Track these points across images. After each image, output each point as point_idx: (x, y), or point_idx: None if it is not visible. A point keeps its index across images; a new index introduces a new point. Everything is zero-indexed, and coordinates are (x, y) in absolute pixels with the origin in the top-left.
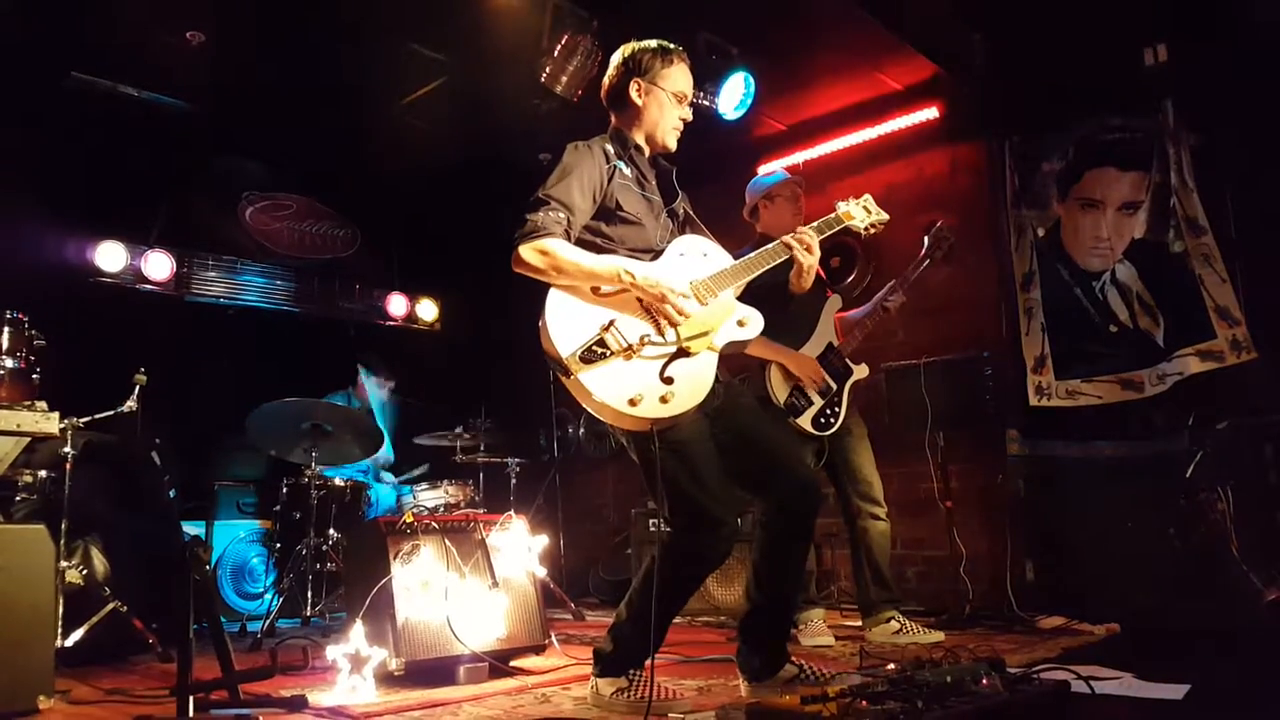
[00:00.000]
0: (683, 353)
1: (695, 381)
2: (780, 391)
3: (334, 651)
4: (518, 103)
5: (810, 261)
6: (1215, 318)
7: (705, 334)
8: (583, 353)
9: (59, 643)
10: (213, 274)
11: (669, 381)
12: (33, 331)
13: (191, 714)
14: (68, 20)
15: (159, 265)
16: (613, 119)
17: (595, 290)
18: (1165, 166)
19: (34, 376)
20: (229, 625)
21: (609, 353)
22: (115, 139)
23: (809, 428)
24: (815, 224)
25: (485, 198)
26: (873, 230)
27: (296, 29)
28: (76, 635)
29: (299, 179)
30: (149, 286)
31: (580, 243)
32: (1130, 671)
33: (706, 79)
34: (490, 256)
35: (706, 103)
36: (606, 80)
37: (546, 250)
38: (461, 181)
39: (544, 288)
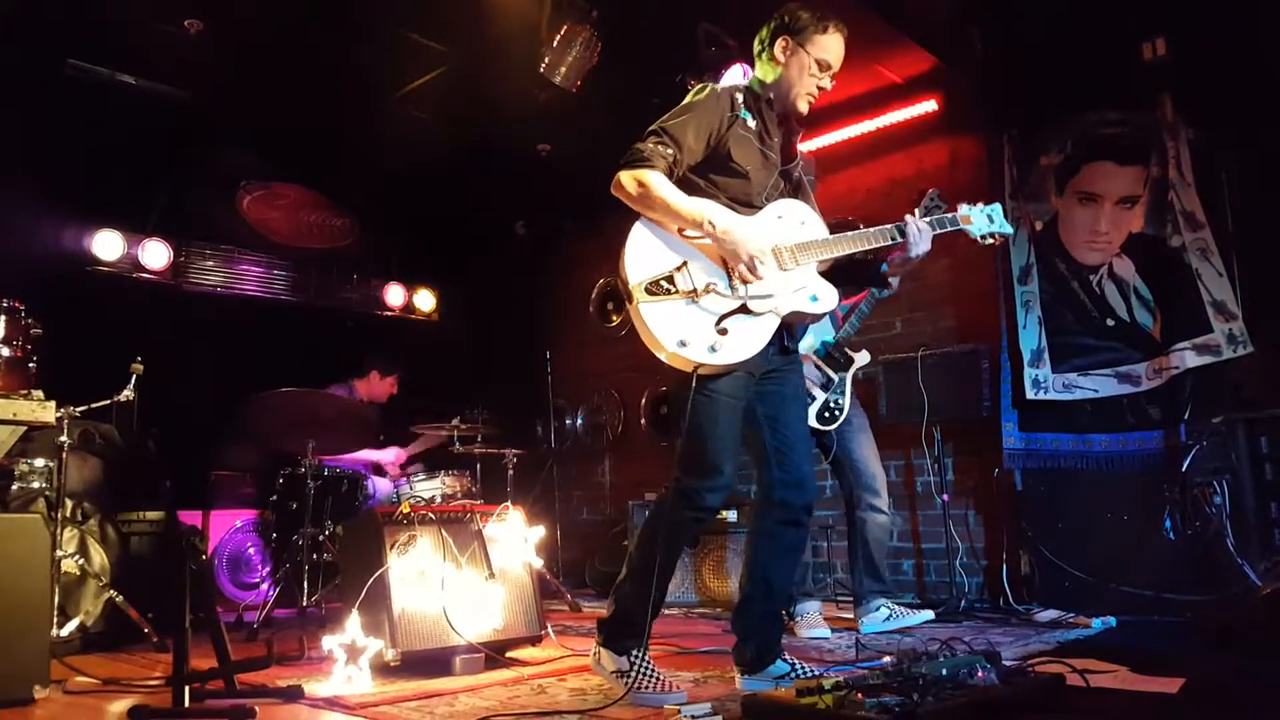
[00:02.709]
0: (744, 309)
1: (749, 339)
2: None
3: (330, 642)
4: (517, 93)
5: (916, 254)
6: (1212, 312)
7: (771, 297)
8: (649, 285)
9: (55, 632)
10: (210, 263)
11: (723, 333)
12: (29, 320)
13: (187, 704)
14: (65, 8)
15: (156, 254)
16: (755, 68)
17: (681, 230)
18: (1163, 161)
19: (30, 365)
20: (225, 615)
21: (674, 291)
22: (112, 127)
23: (814, 424)
24: (931, 218)
25: (484, 188)
26: (990, 242)
27: (295, 17)
28: (72, 625)
29: (297, 168)
30: (146, 275)
31: (684, 181)
32: (1125, 665)
33: (706, 70)
34: (489, 247)
35: None
36: (760, 32)
37: (644, 181)
38: (460, 171)
39: (546, 274)
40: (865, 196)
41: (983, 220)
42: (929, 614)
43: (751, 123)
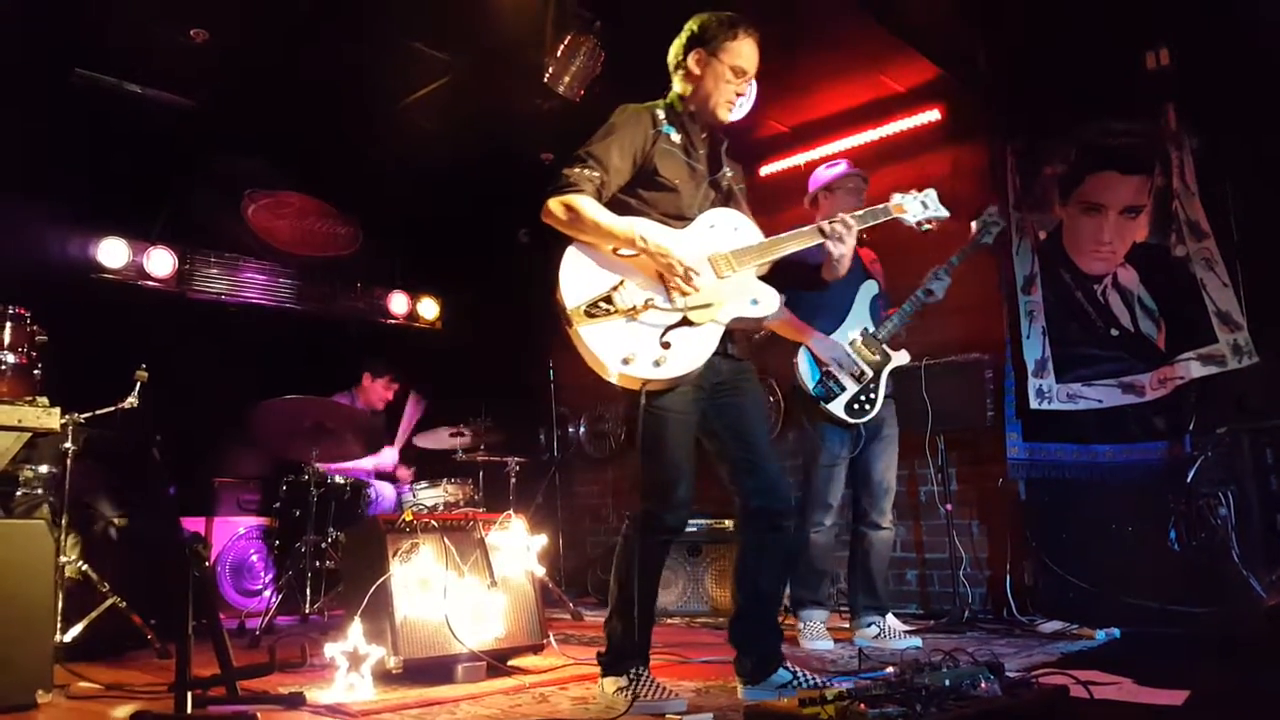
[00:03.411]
0: (686, 321)
1: (692, 351)
2: (809, 376)
3: (332, 649)
4: (520, 102)
5: (840, 252)
6: (1217, 322)
7: (711, 306)
8: (587, 307)
9: (58, 638)
10: (215, 271)
11: (666, 346)
12: (34, 327)
13: (190, 710)
14: (71, 17)
15: (161, 262)
16: (673, 83)
17: (615, 250)
18: (1167, 170)
19: (35, 372)
20: (228, 622)
21: (613, 310)
22: (118, 136)
23: (842, 414)
24: (860, 213)
25: (487, 197)
26: (928, 227)
27: (299, 27)
28: (76, 630)
29: (301, 177)
30: (151, 283)
31: (615, 202)
32: (1129, 677)
33: None
34: (492, 255)
35: None
36: (673, 46)
37: (572, 205)
38: (463, 180)
39: (550, 283)
40: (867, 206)
41: (917, 206)
42: (917, 642)
43: (676, 137)
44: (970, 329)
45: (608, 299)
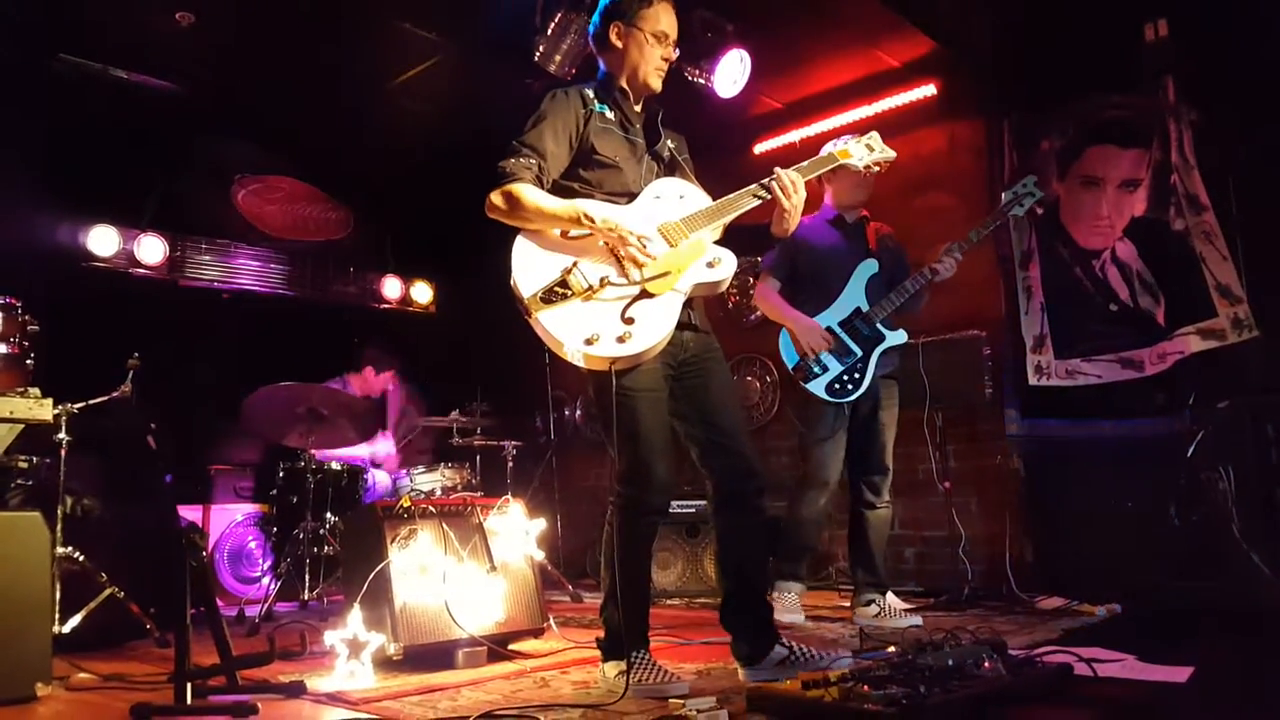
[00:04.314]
0: (645, 294)
1: (656, 323)
2: (789, 357)
3: (332, 637)
4: (510, 82)
5: (789, 205)
6: (1216, 296)
7: (668, 275)
8: (543, 294)
9: (56, 629)
10: (206, 257)
11: (629, 322)
12: (26, 316)
13: (189, 700)
14: (56, 3)
15: (152, 249)
16: (600, 64)
17: (564, 234)
18: (1166, 144)
19: (28, 362)
20: (227, 610)
21: (569, 294)
22: (106, 122)
23: (823, 394)
24: (803, 164)
25: (479, 178)
26: (876, 169)
27: (287, 9)
28: (74, 621)
29: (291, 161)
30: (142, 270)
31: (558, 187)
32: (1132, 654)
33: (702, 56)
34: (485, 238)
35: (702, 80)
36: (591, 27)
37: (512, 192)
38: (455, 162)
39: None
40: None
41: (861, 150)
42: (918, 620)
43: (610, 114)
44: (968, 305)
45: (563, 283)
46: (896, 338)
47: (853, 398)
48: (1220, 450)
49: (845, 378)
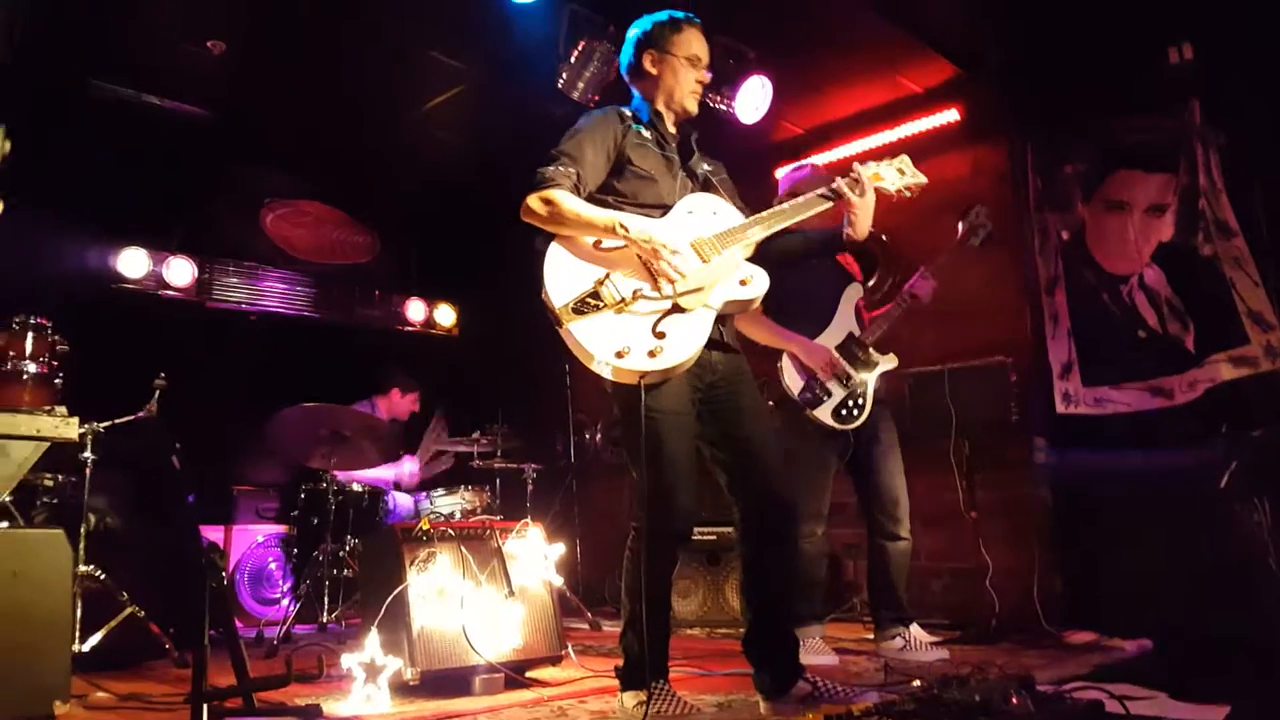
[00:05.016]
0: (677, 309)
1: (687, 338)
2: (794, 382)
3: (349, 660)
4: (534, 109)
5: (860, 202)
6: (1248, 322)
7: (700, 290)
8: (575, 304)
9: (76, 647)
10: (234, 280)
11: (660, 336)
12: (56, 337)
13: None
14: (90, 29)
15: (180, 271)
16: (634, 93)
17: (597, 245)
18: (1193, 167)
19: (56, 381)
20: (246, 631)
21: (601, 305)
22: (137, 147)
23: (829, 420)
24: (839, 181)
25: (503, 203)
26: (907, 194)
27: (316, 37)
28: (94, 639)
29: (319, 186)
30: (171, 292)
31: (593, 198)
32: (1164, 691)
33: (724, 83)
34: (508, 261)
35: (724, 106)
36: (623, 57)
37: (551, 199)
38: (479, 187)
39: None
40: (885, 207)
41: (893, 174)
42: (944, 654)
43: (646, 133)
44: (993, 332)
45: (595, 294)
46: (888, 363)
47: (858, 422)
48: (1255, 481)
49: (850, 403)
